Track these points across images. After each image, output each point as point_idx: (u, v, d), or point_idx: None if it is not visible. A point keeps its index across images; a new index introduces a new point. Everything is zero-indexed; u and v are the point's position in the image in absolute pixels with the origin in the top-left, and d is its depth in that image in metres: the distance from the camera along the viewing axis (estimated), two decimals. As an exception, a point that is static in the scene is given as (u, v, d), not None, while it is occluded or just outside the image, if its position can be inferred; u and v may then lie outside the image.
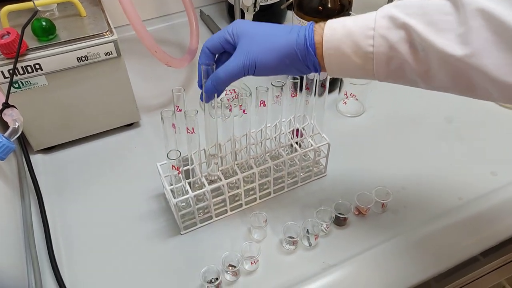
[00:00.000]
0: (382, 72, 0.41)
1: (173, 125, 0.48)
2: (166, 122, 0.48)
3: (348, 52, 0.41)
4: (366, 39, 0.40)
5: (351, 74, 0.43)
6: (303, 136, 0.59)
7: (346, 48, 0.41)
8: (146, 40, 0.59)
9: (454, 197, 0.58)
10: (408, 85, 0.42)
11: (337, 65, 0.43)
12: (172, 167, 0.48)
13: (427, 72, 0.39)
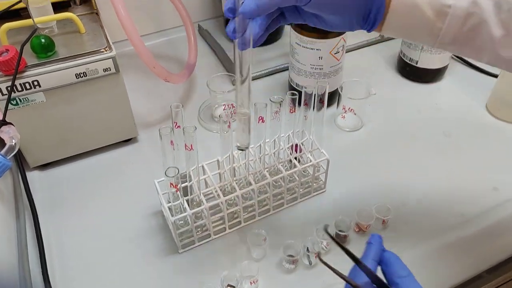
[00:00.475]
0: (451, 32, 0.37)
1: (171, 142, 0.48)
2: (164, 139, 0.47)
3: (422, 2, 0.37)
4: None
5: (411, 32, 0.39)
6: (302, 152, 0.59)
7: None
8: (144, 56, 0.59)
9: (457, 213, 0.58)
10: (468, 56, 0.40)
11: (402, 17, 0.38)
12: (170, 185, 0.48)
13: (505, 38, 0.36)
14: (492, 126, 0.70)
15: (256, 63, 0.82)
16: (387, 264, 0.38)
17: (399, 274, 0.36)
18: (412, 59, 0.76)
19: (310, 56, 0.65)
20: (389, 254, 0.38)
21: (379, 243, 0.39)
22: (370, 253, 0.38)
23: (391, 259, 0.38)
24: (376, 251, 0.38)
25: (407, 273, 0.37)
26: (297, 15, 0.44)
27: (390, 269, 0.37)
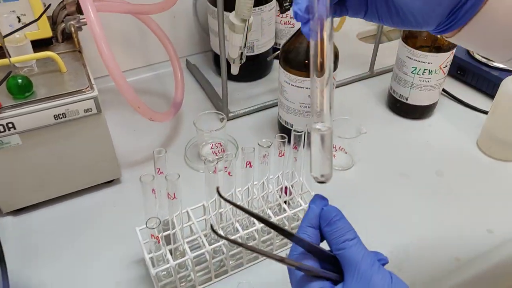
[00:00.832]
0: None
1: (153, 190, 0.45)
2: (145, 188, 0.45)
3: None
4: None
5: (497, 39, 0.33)
6: (291, 195, 0.57)
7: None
8: (128, 95, 0.57)
9: (451, 258, 0.56)
10: None
11: (497, 17, 0.32)
12: (152, 236, 0.45)
13: None
14: (483, 164, 0.68)
15: (244, 99, 0.80)
16: (329, 223, 0.34)
17: (343, 238, 0.33)
18: (402, 95, 0.75)
19: (299, 94, 0.64)
20: (330, 209, 0.35)
21: (322, 205, 0.36)
22: (307, 218, 0.35)
23: (332, 215, 0.34)
24: (315, 214, 0.35)
25: (353, 236, 0.34)
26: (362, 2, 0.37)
27: (332, 230, 0.34)
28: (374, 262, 0.33)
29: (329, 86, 0.35)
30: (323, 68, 0.34)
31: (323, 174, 0.35)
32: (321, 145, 0.35)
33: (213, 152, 0.66)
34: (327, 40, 0.34)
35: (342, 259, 0.33)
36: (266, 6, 0.75)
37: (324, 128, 0.35)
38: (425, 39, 0.68)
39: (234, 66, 0.71)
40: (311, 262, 0.34)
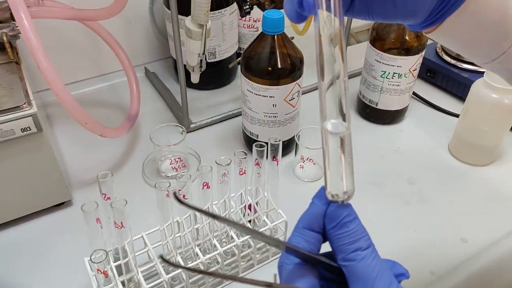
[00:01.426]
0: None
1: (97, 220, 0.40)
2: (88, 217, 0.40)
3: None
4: None
5: (481, 35, 0.30)
6: (256, 213, 0.52)
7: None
8: (73, 111, 0.52)
9: (426, 271, 0.53)
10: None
11: (484, 9, 0.29)
12: (98, 271, 0.40)
13: None
14: (455, 170, 0.66)
15: (207, 108, 0.76)
16: (339, 225, 0.27)
17: (354, 245, 0.26)
18: (371, 100, 0.72)
19: (263, 103, 0.60)
20: (340, 207, 0.27)
21: (325, 202, 0.27)
22: (305, 217, 0.28)
23: (343, 214, 0.27)
24: (317, 213, 0.28)
25: (367, 244, 0.27)
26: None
27: (341, 235, 0.27)
28: (392, 282, 0.26)
29: (342, 86, 0.27)
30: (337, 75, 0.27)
31: (346, 191, 0.27)
32: (341, 151, 0.27)
33: (173, 168, 0.61)
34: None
35: (350, 274, 0.26)
36: (226, 9, 0.71)
37: (338, 127, 0.27)
38: (393, 41, 0.66)
39: (194, 74, 0.66)
40: (310, 278, 0.27)
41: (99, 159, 0.66)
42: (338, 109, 0.27)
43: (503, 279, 0.52)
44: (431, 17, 0.31)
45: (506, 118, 0.62)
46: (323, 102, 0.27)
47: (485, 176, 0.65)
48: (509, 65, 0.31)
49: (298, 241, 0.28)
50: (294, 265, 0.28)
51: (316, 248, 0.28)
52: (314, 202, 0.28)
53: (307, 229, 0.28)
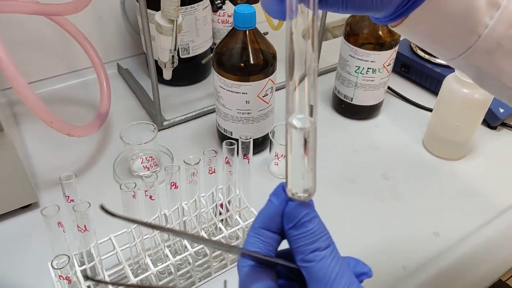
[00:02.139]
0: (497, 34, 0.29)
1: (59, 224, 0.39)
2: (48, 222, 0.38)
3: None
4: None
5: (445, 29, 0.30)
6: (229, 212, 0.52)
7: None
8: (38, 110, 0.50)
9: (398, 267, 0.53)
10: (497, 75, 0.31)
11: (447, 2, 0.29)
12: (60, 277, 0.38)
13: None
14: (429, 164, 0.67)
15: (181, 105, 0.74)
16: (297, 225, 0.26)
17: (313, 246, 0.25)
18: (346, 96, 0.72)
19: (236, 100, 0.59)
20: (299, 205, 0.26)
21: (283, 200, 0.26)
22: (261, 216, 0.27)
23: (301, 213, 0.26)
24: (275, 211, 0.27)
25: (326, 244, 0.26)
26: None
27: (300, 236, 0.26)
28: (351, 283, 0.25)
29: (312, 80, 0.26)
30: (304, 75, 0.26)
31: (307, 189, 0.26)
32: (303, 147, 0.25)
33: (145, 167, 0.60)
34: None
35: (309, 276, 0.26)
36: (199, 4, 0.69)
37: (305, 122, 0.25)
38: (366, 36, 0.65)
39: (166, 70, 0.65)
40: (266, 281, 0.26)
41: (68, 159, 0.64)
42: (305, 103, 0.26)
43: (474, 272, 0.52)
44: (398, 9, 0.30)
45: (476, 113, 0.62)
46: (290, 97, 0.26)
47: (458, 170, 0.65)
48: (475, 61, 0.31)
49: (254, 242, 0.27)
50: (249, 268, 0.27)
51: (273, 248, 0.27)
52: (271, 200, 0.27)
53: (263, 229, 0.27)
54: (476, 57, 0.30)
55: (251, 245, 0.27)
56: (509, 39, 0.29)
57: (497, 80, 0.31)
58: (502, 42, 0.29)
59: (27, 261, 0.51)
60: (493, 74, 0.31)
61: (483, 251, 0.55)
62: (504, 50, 0.29)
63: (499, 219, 0.58)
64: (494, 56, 0.30)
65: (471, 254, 0.54)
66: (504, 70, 0.30)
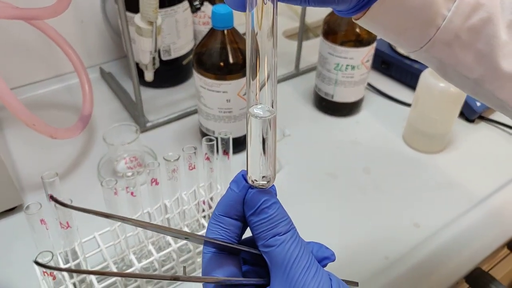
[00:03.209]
0: (454, 26, 0.29)
1: (42, 221, 0.39)
2: (31, 219, 0.39)
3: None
4: None
5: (405, 21, 0.30)
6: (211, 208, 0.53)
7: None
8: (19, 113, 0.50)
9: (380, 257, 0.54)
10: (456, 66, 0.31)
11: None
12: (44, 274, 0.39)
13: (510, 44, 0.29)
14: (409, 158, 0.68)
15: (164, 106, 0.75)
16: (256, 211, 0.27)
17: (272, 231, 0.26)
18: (327, 93, 0.73)
19: (216, 99, 0.60)
20: (257, 192, 0.27)
21: (243, 187, 0.27)
22: (221, 203, 0.27)
23: (260, 200, 0.26)
24: (235, 199, 0.27)
25: (286, 229, 0.26)
26: None
27: (260, 222, 0.26)
28: (310, 264, 0.26)
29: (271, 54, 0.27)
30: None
31: (265, 175, 0.27)
32: (262, 136, 0.26)
33: (129, 168, 0.61)
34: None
35: (270, 260, 0.26)
36: (179, 6, 0.70)
37: (265, 111, 0.26)
38: (344, 34, 0.67)
39: (147, 72, 0.66)
40: (228, 267, 0.27)
41: (53, 162, 0.65)
42: (266, 96, 0.27)
43: (453, 260, 0.54)
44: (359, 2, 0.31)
45: (453, 106, 0.64)
46: (252, 89, 0.27)
47: (437, 163, 0.67)
48: (436, 53, 0.32)
49: (215, 230, 0.27)
50: (211, 254, 0.28)
51: (235, 235, 0.28)
52: (231, 188, 0.28)
53: (224, 216, 0.28)
54: (437, 49, 0.31)
55: (212, 232, 0.27)
56: (466, 30, 0.30)
57: (457, 72, 0.32)
58: (460, 33, 0.30)
59: (13, 262, 0.52)
60: (453, 65, 0.32)
61: (461, 240, 0.56)
62: (461, 42, 0.30)
63: (476, 209, 0.60)
64: (453, 48, 0.31)
65: (450, 243, 0.56)
66: (463, 61, 0.31)
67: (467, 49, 0.30)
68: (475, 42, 0.30)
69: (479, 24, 0.29)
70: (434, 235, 0.57)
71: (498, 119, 0.74)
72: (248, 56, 0.27)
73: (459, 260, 0.54)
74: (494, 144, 0.71)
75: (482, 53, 0.30)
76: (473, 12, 0.29)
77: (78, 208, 0.24)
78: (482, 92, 0.32)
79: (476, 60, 0.30)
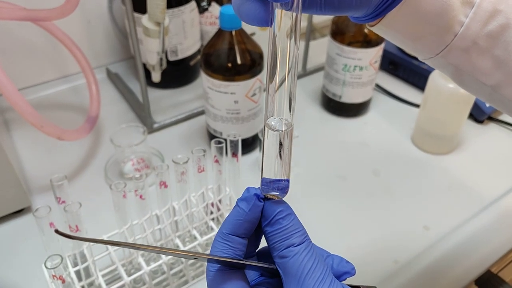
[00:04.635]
0: (472, 32, 0.29)
1: (51, 224, 0.39)
2: (41, 223, 0.39)
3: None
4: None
5: (422, 27, 0.30)
6: (220, 211, 0.52)
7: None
8: (28, 115, 0.50)
9: (389, 261, 0.54)
10: (473, 72, 0.31)
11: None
12: (53, 277, 0.39)
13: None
14: (418, 160, 0.68)
15: (171, 107, 0.75)
16: (271, 222, 0.27)
17: (287, 242, 0.26)
18: (335, 94, 0.73)
19: (224, 100, 0.60)
20: (272, 204, 0.27)
21: (251, 205, 0.27)
22: (228, 222, 0.27)
23: (275, 211, 0.26)
24: (244, 217, 0.27)
25: (300, 240, 0.26)
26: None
27: (274, 232, 0.26)
28: (325, 276, 0.26)
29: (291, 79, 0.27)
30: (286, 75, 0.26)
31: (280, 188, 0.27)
32: (278, 148, 0.26)
33: (136, 169, 0.61)
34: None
35: (284, 271, 0.26)
36: (186, 7, 0.70)
37: (282, 125, 0.26)
38: (352, 34, 0.66)
39: (154, 72, 0.66)
40: (237, 282, 0.27)
41: (60, 163, 0.65)
42: (283, 106, 0.26)
43: (463, 264, 0.53)
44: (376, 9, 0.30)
45: (462, 107, 0.63)
46: (270, 98, 0.27)
47: (446, 164, 0.66)
48: (452, 60, 0.31)
49: (222, 248, 0.27)
50: (216, 272, 0.27)
51: (241, 253, 0.28)
52: (239, 206, 0.28)
53: (232, 235, 0.27)
54: (453, 55, 0.31)
55: (219, 251, 0.27)
56: (483, 37, 0.29)
57: (474, 78, 0.32)
58: (477, 40, 0.29)
59: (22, 264, 0.52)
60: (470, 72, 0.31)
61: (471, 243, 0.56)
62: (479, 48, 0.30)
63: (486, 212, 0.59)
64: (471, 54, 0.30)
65: (460, 246, 0.55)
66: (480, 68, 0.31)
67: (484, 55, 0.30)
68: (493, 48, 0.29)
69: (497, 30, 0.29)
70: (443, 238, 0.56)
71: (508, 120, 0.73)
72: (268, 68, 0.27)
73: (469, 264, 0.54)
74: (504, 145, 0.70)
75: (500, 59, 0.30)
76: (491, 18, 0.29)
77: (84, 239, 0.25)
78: (499, 98, 0.32)
79: (494, 66, 0.30)
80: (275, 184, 0.27)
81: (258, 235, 0.29)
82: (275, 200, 0.27)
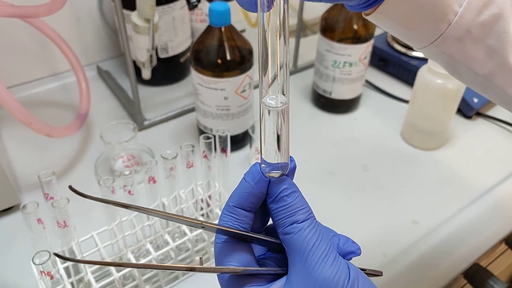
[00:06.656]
0: (466, 21, 0.29)
1: (39, 220, 0.39)
2: (28, 219, 0.39)
3: None
4: None
5: (416, 16, 0.30)
6: (209, 207, 0.52)
7: None
8: (16, 112, 0.50)
9: (379, 254, 0.54)
10: (467, 61, 0.31)
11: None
12: (41, 273, 0.39)
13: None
14: (407, 154, 0.68)
15: (162, 104, 0.75)
16: (276, 199, 0.27)
17: (291, 218, 0.26)
18: (325, 90, 0.73)
19: (214, 96, 0.60)
20: (278, 181, 0.27)
21: (257, 179, 0.27)
22: (235, 195, 0.28)
23: (280, 188, 0.27)
24: (250, 191, 0.27)
25: (304, 217, 0.27)
26: None
27: (279, 209, 0.27)
28: (328, 252, 0.26)
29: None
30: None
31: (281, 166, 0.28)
32: (275, 127, 0.26)
33: (126, 166, 0.61)
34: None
35: (288, 247, 0.27)
36: (176, 4, 0.70)
37: (278, 102, 0.26)
38: (342, 30, 0.67)
39: (145, 69, 0.65)
40: (242, 253, 0.27)
41: (50, 161, 0.64)
42: (278, 86, 0.26)
43: (451, 257, 0.54)
44: None
45: (451, 102, 0.64)
46: (264, 82, 0.27)
47: (435, 159, 0.67)
48: (446, 49, 0.32)
49: (228, 220, 0.28)
50: (222, 243, 0.28)
51: (247, 226, 0.28)
52: (245, 179, 0.28)
53: (238, 208, 0.28)
54: (447, 44, 0.31)
55: (225, 222, 0.28)
56: (477, 26, 0.30)
57: (467, 68, 0.32)
58: (471, 29, 0.30)
59: (10, 262, 0.51)
60: (463, 61, 0.32)
61: (459, 236, 0.56)
62: (473, 38, 0.30)
63: (474, 205, 0.60)
64: (464, 43, 0.31)
65: (448, 239, 0.56)
66: (473, 57, 0.31)
67: (478, 44, 0.30)
68: (486, 37, 0.30)
69: (490, 20, 0.29)
70: (432, 231, 0.57)
71: (495, 115, 0.74)
72: (260, 52, 0.27)
73: (457, 256, 0.54)
74: (492, 140, 0.71)
75: (493, 49, 0.30)
76: (484, 8, 0.29)
77: (97, 199, 0.25)
78: (492, 88, 0.32)
79: (486, 55, 0.30)
80: (275, 164, 0.27)
81: (266, 212, 0.29)
82: (281, 178, 0.27)
